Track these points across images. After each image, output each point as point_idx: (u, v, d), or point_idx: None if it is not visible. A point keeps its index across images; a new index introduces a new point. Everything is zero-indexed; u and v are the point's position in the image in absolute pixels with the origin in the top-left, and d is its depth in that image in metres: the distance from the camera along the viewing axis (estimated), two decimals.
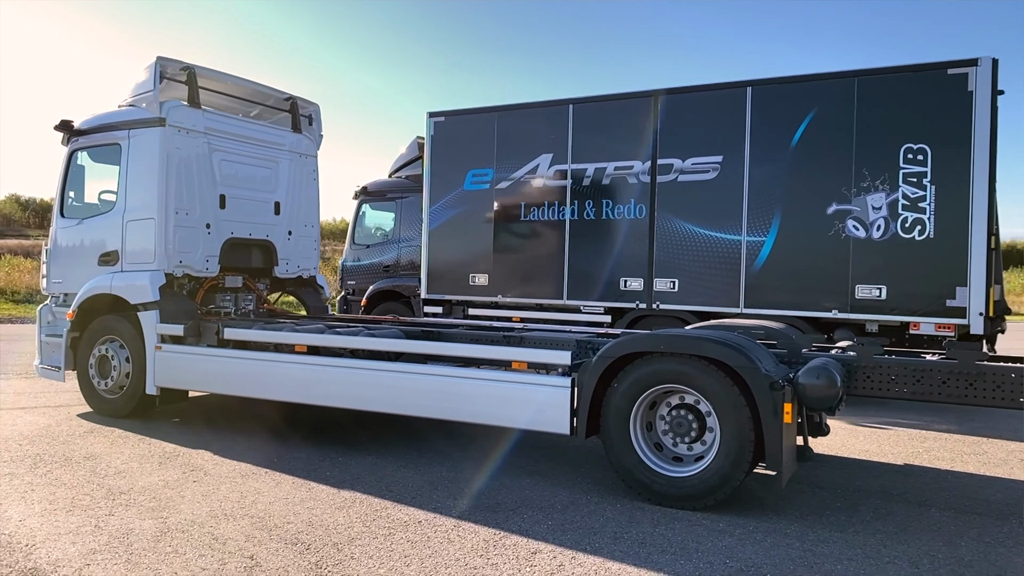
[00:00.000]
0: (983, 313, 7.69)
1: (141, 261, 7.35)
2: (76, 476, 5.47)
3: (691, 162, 9.10)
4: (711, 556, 4.21)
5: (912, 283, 7.99)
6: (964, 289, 7.77)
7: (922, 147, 7.99)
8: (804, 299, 8.49)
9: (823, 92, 8.48)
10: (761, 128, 8.73)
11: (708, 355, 4.91)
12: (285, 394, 6.49)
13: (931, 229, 7.93)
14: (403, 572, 3.92)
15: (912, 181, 8.03)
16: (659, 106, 9.31)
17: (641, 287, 9.33)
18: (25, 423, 7.10)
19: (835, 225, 8.32)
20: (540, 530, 4.57)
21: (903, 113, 8.07)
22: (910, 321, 8.09)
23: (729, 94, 8.96)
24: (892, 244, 8.07)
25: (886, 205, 8.11)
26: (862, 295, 8.20)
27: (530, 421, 5.50)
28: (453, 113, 10.52)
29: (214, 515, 4.71)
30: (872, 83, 8.25)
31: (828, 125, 8.39)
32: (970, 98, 7.77)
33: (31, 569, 3.85)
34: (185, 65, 7.61)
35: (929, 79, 8.00)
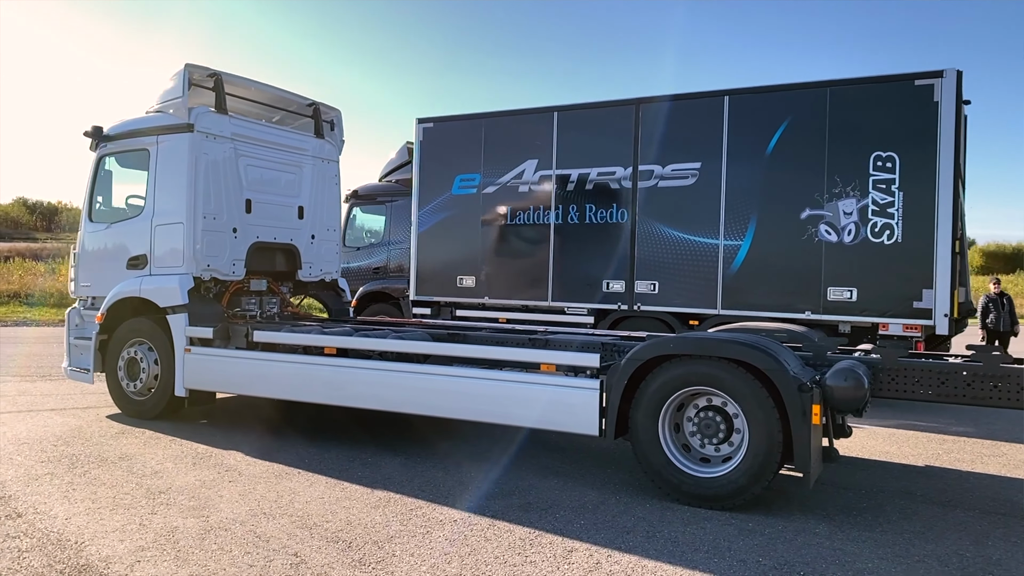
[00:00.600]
0: (948, 314, 7.98)
1: (169, 265, 7.46)
2: (114, 476, 5.58)
3: (671, 168, 9.40)
4: (744, 554, 4.29)
5: (881, 286, 8.26)
6: (930, 291, 8.03)
7: (891, 155, 8.29)
8: (779, 301, 8.75)
9: (797, 101, 8.79)
10: (737, 136, 9.05)
11: (737, 358, 5.00)
12: (315, 396, 6.59)
13: (899, 234, 8.21)
14: (445, 570, 4.02)
15: (881, 187, 8.32)
16: (640, 114, 9.63)
17: (623, 289, 9.60)
18: (57, 424, 7.22)
19: (808, 229, 8.61)
20: (573, 529, 4.67)
21: (873, 122, 8.37)
22: (879, 322, 8.31)
23: (707, 103, 9.29)
24: (862, 248, 8.34)
25: (856, 210, 8.41)
26: (834, 297, 8.47)
27: (559, 423, 5.60)
28: (442, 119, 10.85)
29: (254, 514, 4.81)
30: (843, 93, 8.56)
31: (801, 133, 8.70)
32: (936, 108, 8.09)
33: (83, 566, 3.96)
34: (212, 71, 7.73)
35: (897, 90, 8.31)
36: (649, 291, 9.46)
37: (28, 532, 4.40)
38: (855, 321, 8.45)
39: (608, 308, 9.73)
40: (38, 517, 4.65)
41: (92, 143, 8.12)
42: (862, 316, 8.37)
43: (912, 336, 8.13)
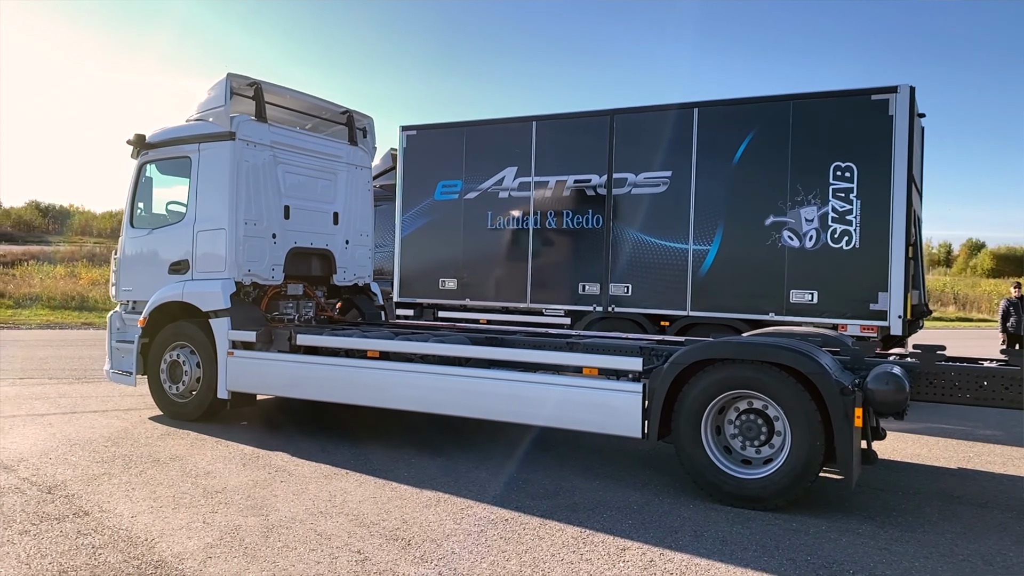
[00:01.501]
0: (902, 316, 8.46)
1: (211, 269, 7.62)
2: (169, 476, 5.74)
3: (643, 176, 9.88)
4: (792, 553, 4.41)
5: (840, 289, 8.74)
6: (885, 294, 8.51)
7: (849, 165, 8.77)
8: (744, 303, 9.22)
9: (762, 114, 9.27)
10: (706, 146, 9.52)
11: (780, 362, 5.13)
12: (358, 398, 6.74)
13: (857, 240, 8.70)
14: (504, 567, 4.16)
15: (840, 196, 8.79)
16: (614, 124, 10.11)
17: (598, 291, 10.07)
18: (103, 425, 7.39)
19: (772, 235, 9.10)
20: (623, 528, 4.80)
21: (832, 134, 8.84)
22: (839, 323, 8.71)
23: (678, 114, 9.75)
24: (823, 253, 8.83)
25: (817, 217, 8.89)
26: (796, 299, 8.96)
27: (601, 425, 5.73)
28: (425, 127, 11.28)
29: (311, 513, 4.96)
30: (805, 106, 9.05)
31: (766, 144, 9.18)
32: (891, 122, 8.53)
33: (157, 561, 4.11)
34: (252, 80, 7.90)
35: (855, 104, 8.76)
36: (623, 293, 9.91)
37: (98, 529, 4.55)
38: (816, 322, 8.78)
39: (584, 310, 10.18)
40: (104, 515, 4.81)
41: (133, 150, 8.31)
42: (822, 318, 8.79)
43: (869, 336, 8.45)
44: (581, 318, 10.18)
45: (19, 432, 7.02)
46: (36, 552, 4.17)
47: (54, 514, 4.80)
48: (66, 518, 4.73)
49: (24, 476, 5.61)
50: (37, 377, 10.36)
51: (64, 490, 5.30)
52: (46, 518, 4.72)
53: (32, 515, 4.76)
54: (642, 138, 9.92)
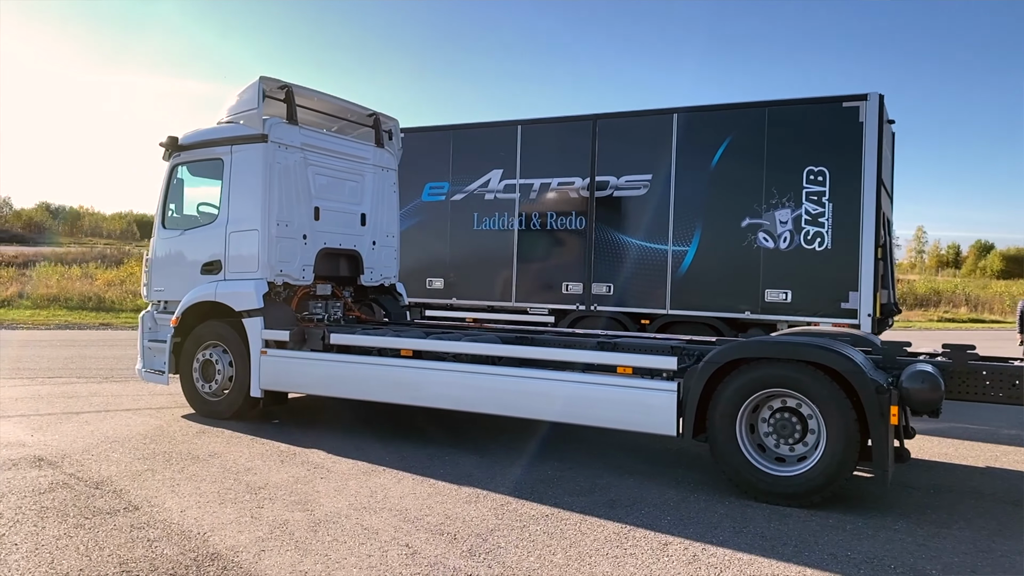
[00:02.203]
0: (871, 314, 8.81)
1: (244, 270, 7.73)
2: (210, 472, 5.84)
3: (625, 179, 10.25)
4: (832, 549, 4.49)
5: (813, 288, 9.11)
6: (856, 294, 8.86)
7: (822, 169, 9.14)
8: (721, 302, 9.60)
9: (739, 120, 9.64)
10: (685, 150, 9.89)
11: (816, 361, 5.20)
12: (392, 396, 6.83)
13: (829, 241, 9.08)
14: (551, 560, 4.24)
15: (813, 199, 9.16)
16: (597, 129, 10.48)
17: (581, 291, 10.45)
18: (138, 423, 7.51)
19: (748, 237, 9.48)
20: (663, 524, 4.88)
21: (806, 139, 9.20)
22: (812, 321, 9.07)
23: (658, 120, 10.12)
24: (796, 254, 9.21)
25: (791, 220, 9.27)
26: (771, 298, 9.32)
27: (636, 423, 5.81)
28: (412, 130, 11.47)
29: (355, 508, 5.05)
30: (780, 113, 9.41)
31: (743, 149, 9.55)
32: (861, 128, 8.88)
33: (213, 554, 4.21)
34: (283, 84, 8.00)
35: (827, 110, 9.11)
36: (605, 292, 10.29)
37: (150, 523, 4.66)
38: (790, 320, 9.20)
39: (567, 308, 10.56)
40: (154, 510, 4.91)
41: (165, 153, 8.43)
42: (796, 316, 9.18)
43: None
44: (564, 316, 10.56)
45: (57, 429, 7.14)
46: (94, 545, 4.28)
47: (105, 508, 4.91)
48: (117, 512, 4.84)
49: (70, 472, 5.72)
50: (66, 376, 10.50)
51: (111, 485, 5.41)
52: (98, 512, 4.83)
53: (84, 509, 4.87)
54: (623, 142, 10.28)
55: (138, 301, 23.04)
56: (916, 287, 37.90)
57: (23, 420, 7.53)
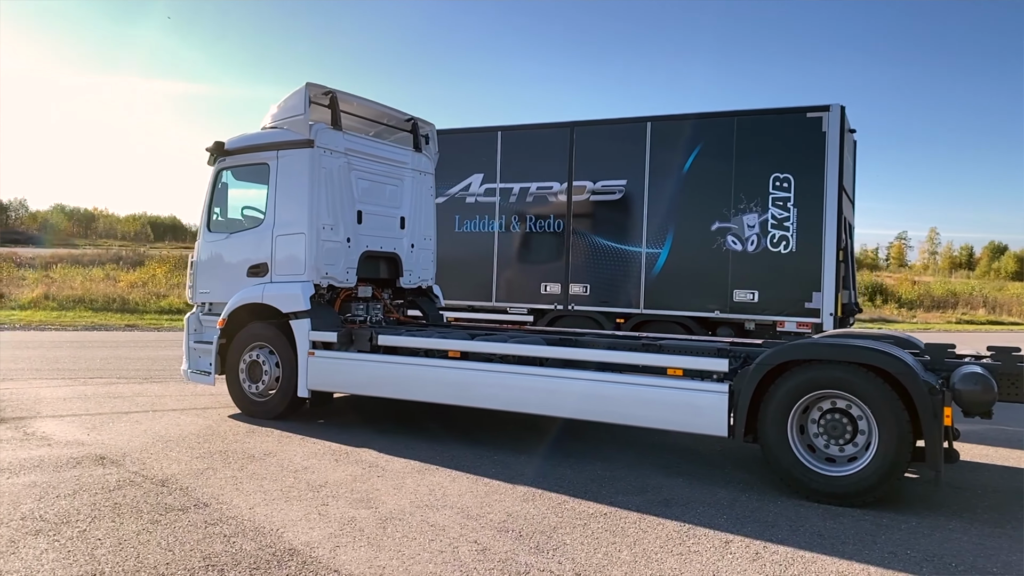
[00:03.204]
0: (833, 313, 9.36)
1: (290, 272, 7.88)
2: (269, 470, 5.98)
3: (601, 184, 10.80)
4: (891, 547, 4.57)
5: (778, 289, 9.67)
6: (819, 294, 9.44)
7: (787, 176, 9.69)
8: (692, 301, 10.16)
9: (709, 128, 10.20)
10: (658, 157, 10.44)
11: (868, 362, 5.28)
12: (440, 396, 6.96)
13: (793, 244, 9.64)
14: (618, 557, 4.35)
15: (779, 204, 9.70)
16: (574, 135, 11.01)
17: (559, 291, 11.00)
18: (187, 423, 7.66)
19: (717, 240, 10.03)
20: (720, 523, 4.97)
21: (772, 147, 9.76)
22: (777, 320, 9.66)
23: (632, 127, 10.68)
24: (763, 256, 9.77)
25: (758, 224, 9.82)
26: (739, 298, 9.88)
27: (687, 424, 5.92)
28: None
29: (418, 506, 5.17)
30: (748, 122, 9.98)
31: (712, 156, 10.12)
32: (823, 137, 9.44)
33: (290, 550, 4.34)
34: (327, 89, 8.15)
35: (792, 120, 9.68)
36: (582, 293, 10.82)
37: (222, 520, 4.79)
38: (757, 319, 9.80)
39: (545, 308, 11.08)
40: (223, 507, 5.05)
41: (210, 157, 8.59)
42: (763, 315, 9.75)
43: (804, 332, 9.39)
44: (543, 316, 11.08)
45: (111, 428, 7.30)
46: (175, 540, 4.41)
47: (176, 505, 5.05)
48: (188, 509, 4.98)
49: (133, 470, 5.87)
50: (106, 377, 10.67)
51: (176, 483, 5.55)
52: (170, 509, 4.97)
53: (156, 506, 5.01)
54: (600, 149, 10.76)
55: (161, 303, 23.30)
56: (932, 289, 37.76)
57: (76, 419, 7.69)
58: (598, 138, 10.91)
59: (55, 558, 4.11)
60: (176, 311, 22.85)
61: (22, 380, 10.12)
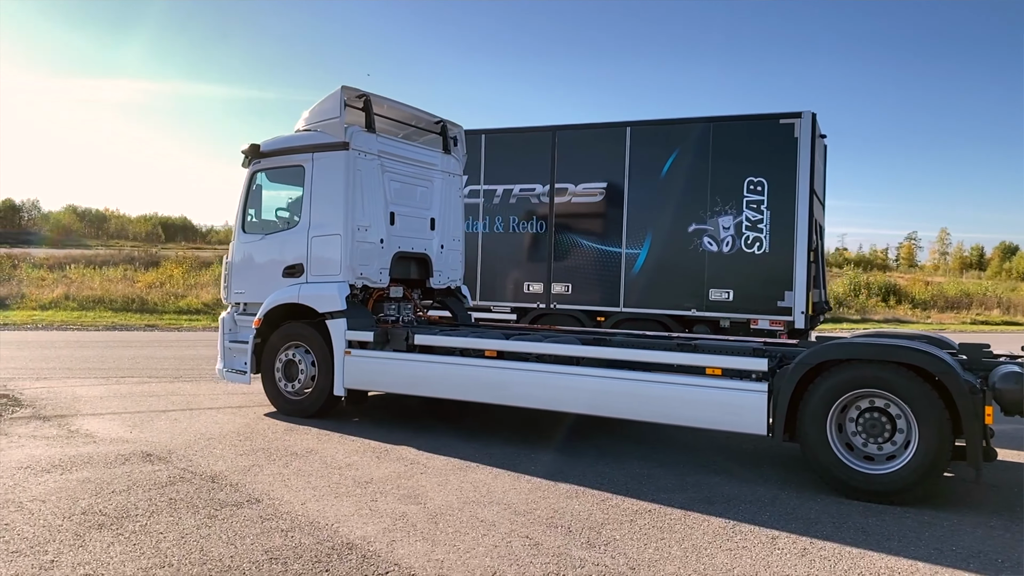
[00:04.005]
0: (804, 312, 9.75)
1: (326, 273, 7.99)
2: (313, 467, 6.09)
3: (582, 187, 11.13)
4: (935, 544, 4.64)
5: (752, 288, 10.03)
6: (791, 293, 9.80)
7: (761, 180, 10.04)
8: (670, 300, 10.49)
9: (686, 133, 10.57)
10: (637, 161, 10.79)
11: (910, 362, 5.35)
12: (477, 395, 7.06)
13: (767, 245, 10.01)
14: (669, 552, 4.44)
15: (753, 207, 10.06)
16: (556, 139, 11.30)
17: (541, 290, 11.31)
18: (225, 421, 7.78)
19: (694, 241, 10.40)
20: (764, 520, 5.05)
21: (746, 152, 10.13)
22: (751, 318, 10.02)
23: (612, 131, 11.02)
24: (737, 257, 10.14)
25: (733, 226, 10.18)
26: (714, 297, 10.22)
27: (726, 423, 6.00)
28: None
29: (465, 502, 5.27)
30: (723, 128, 10.35)
31: (689, 160, 10.48)
32: (796, 143, 9.81)
33: (348, 544, 4.44)
34: (361, 92, 8.26)
35: (766, 126, 10.05)
36: (563, 292, 11.15)
37: (277, 515, 4.90)
38: (732, 317, 10.15)
39: (528, 307, 11.36)
40: (276, 502, 5.16)
41: (245, 160, 8.71)
42: (737, 313, 10.10)
43: (776, 330, 9.84)
44: (525, 314, 11.36)
45: (152, 426, 7.43)
46: (235, 534, 4.52)
47: (229, 501, 5.16)
48: (242, 504, 5.09)
49: (181, 467, 5.99)
50: (137, 376, 10.82)
51: (226, 479, 5.66)
52: (224, 504, 5.08)
53: (210, 501, 5.13)
54: (581, 152, 11.04)
55: (180, 303, 23.49)
56: (945, 289, 37.65)
57: (116, 417, 7.83)
58: (579, 142, 11.18)
59: (122, 551, 4.23)
60: (194, 312, 23.05)
61: (56, 379, 10.27)
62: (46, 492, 5.23)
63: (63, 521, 4.67)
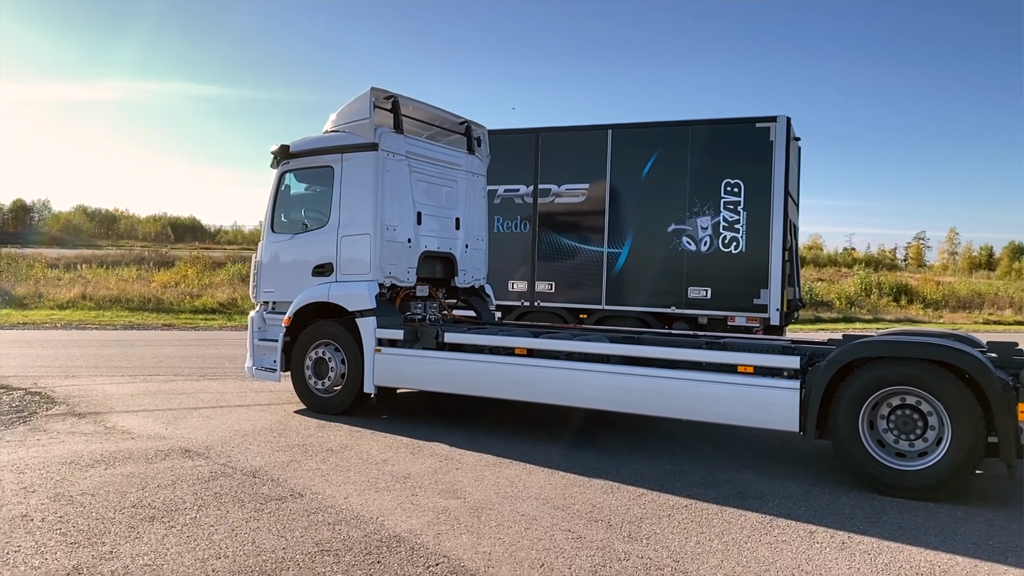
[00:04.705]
0: (779, 309, 10.14)
1: (355, 272, 8.09)
2: (350, 462, 6.19)
3: (565, 187, 11.45)
4: (973, 539, 4.71)
5: (730, 286, 10.40)
6: (767, 291, 10.18)
7: (737, 182, 10.40)
8: (650, 298, 10.89)
9: (665, 136, 10.93)
10: (618, 163, 11.14)
11: (944, 360, 5.42)
12: (508, 392, 7.15)
13: (743, 245, 10.38)
14: (710, 545, 4.51)
15: (730, 208, 10.43)
16: (539, 141, 11.61)
17: (525, 288, 11.64)
18: (257, 418, 7.89)
19: (673, 240, 10.77)
20: (800, 514, 5.13)
21: (724, 155, 10.49)
22: (728, 315, 10.39)
23: (594, 134, 11.35)
24: (715, 256, 10.51)
25: (711, 226, 10.56)
26: (693, 295, 10.61)
27: (758, 420, 6.07)
28: None
29: (503, 497, 5.36)
30: (701, 131, 10.74)
31: (669, 162, 10.84)
32: (771, 146, 10.16)
33: (394, 536, 4.53)
34: (389, 94, 8.36)
35: (742, 130, 10.40)
36: (547, 290, 11.46)
37: (322, 509, 5.00)
38: (710, 314, 10.52)
39: (513, 304, 11.63)
40: (319, 497, 5.26)
41: (274, 160, 8.81)
42: (715, 311, 10.47)
43: (753, 326, 10.22)
44: (510, 312, 11.60)
45: (186, 423, 7.54)
46: (284, 528, 4.62)
47: (273, 495, 5.26)
48: (286, 499, 5.19)
49: (221, 462, 6.10)
50: (163, 374, 10.95)
51: (266, 474, 5.77)
52: (269, 498, 5.18)
53: (255, 496, 5.23)
54: (564, 154, 11.27)
55: (195, 303, 23.65)
56: (957, 289, 37.54)
57: (149, 414, 7.95)
58: (562, 144, 11.41)
59: (176, 542, 4.33)
60: (210, 311, 23.21)
61: (85, 377, 10.41)
62: (94, 486, 5.34)
63: (115, 514, 4.78)
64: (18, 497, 5.06)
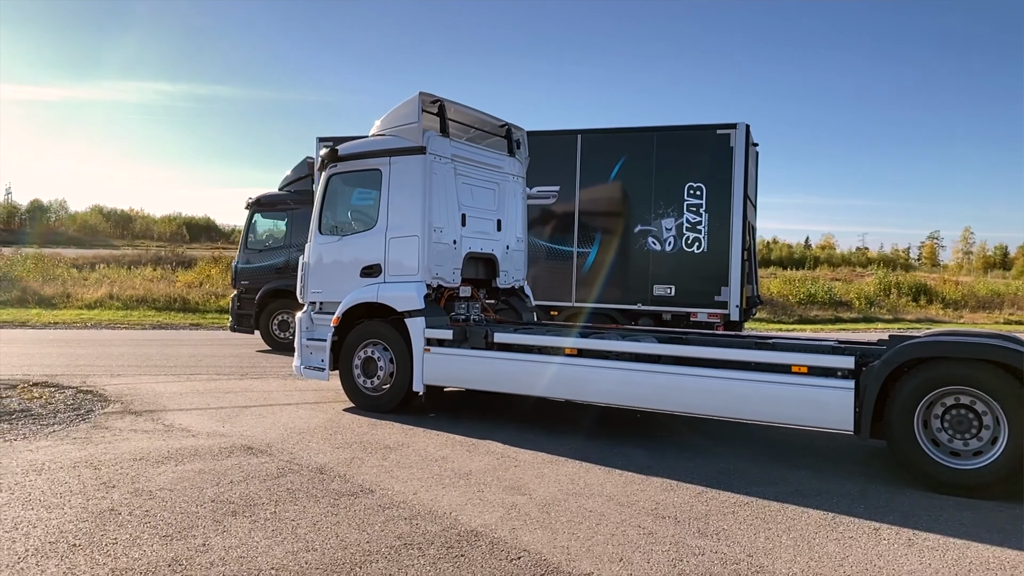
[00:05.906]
0: (739, 305, 10.82)
1: (403, 273, 8.24)
2: (411, 459, 6.33)
3: (537, 190, 11.89)
4: None
5: (692, 284, 11.08)
6: (727, 288, 10.87)
7: (700, 185, 11.11)
8: (617, 295, 11.56)
9: (632, 141, 11.62)
10: (588, 166, 11.82)
11: (1000, 360, 5.50)
12: (557, 392, 7.28)
13: (705, 245, 11.09)
14: (779, 541, 4.63)
15: (693, 210, 11.11)
16: None
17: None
18: (309, 416, 8.05)
19: (639, 241, 11.46)
20: (861, 512, 5.23)
21: (687, 160, 11.21)
22: (691, 311, 11.10)
23: (565, 139, 12.02)
24: (679, 256, 11.21)
25: (675, 227, 11.24)
26: (658, 293, 11.29)
27: (812, 420, 6.18)
28: (341, 139, 11.96)
29: (568, 494, 5.48)
30: (666, 137, 11.46)
31: (635, 166, 11.53)
32: (731, 152, 10.89)
33: (472, 531, 4.67)
34: (436, 98, 8.51)
35: (704, 136, 11.11)
36: None
37: (394, 504, 5.14)
38: (674, 311, 11.23)
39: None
40: (389, 492, 5.40)
41: (322, 163, 8.98)
42: (678, 307, 11.19)
43: (714, 322, 10.89)
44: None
45: (241, 421, 7.70)
46: (363, 522, 4.76)
47: (344, 491, 5.41)
48: (358, 494, 5.34)
49: (285, 459, 6.25)
50: (206, 373, 11.13)
51: (333, 471, 5.91)
52: (341, 494, 5.33)
53: (327, 492, 5.38)
54: (536, 157, 11.19)
55: (220, 302, 23.89)
56: (976, 289, 37.37)
57: (203, 413, 8.12)
58: (534, 147, 11.42)
59: (264, 536, 4.48)
60: None
61: (130, 376, 10.61)
62: (170, 482, 5.51)
63: (197, 508, 4.93)
64: (100, 492, 5.23)
